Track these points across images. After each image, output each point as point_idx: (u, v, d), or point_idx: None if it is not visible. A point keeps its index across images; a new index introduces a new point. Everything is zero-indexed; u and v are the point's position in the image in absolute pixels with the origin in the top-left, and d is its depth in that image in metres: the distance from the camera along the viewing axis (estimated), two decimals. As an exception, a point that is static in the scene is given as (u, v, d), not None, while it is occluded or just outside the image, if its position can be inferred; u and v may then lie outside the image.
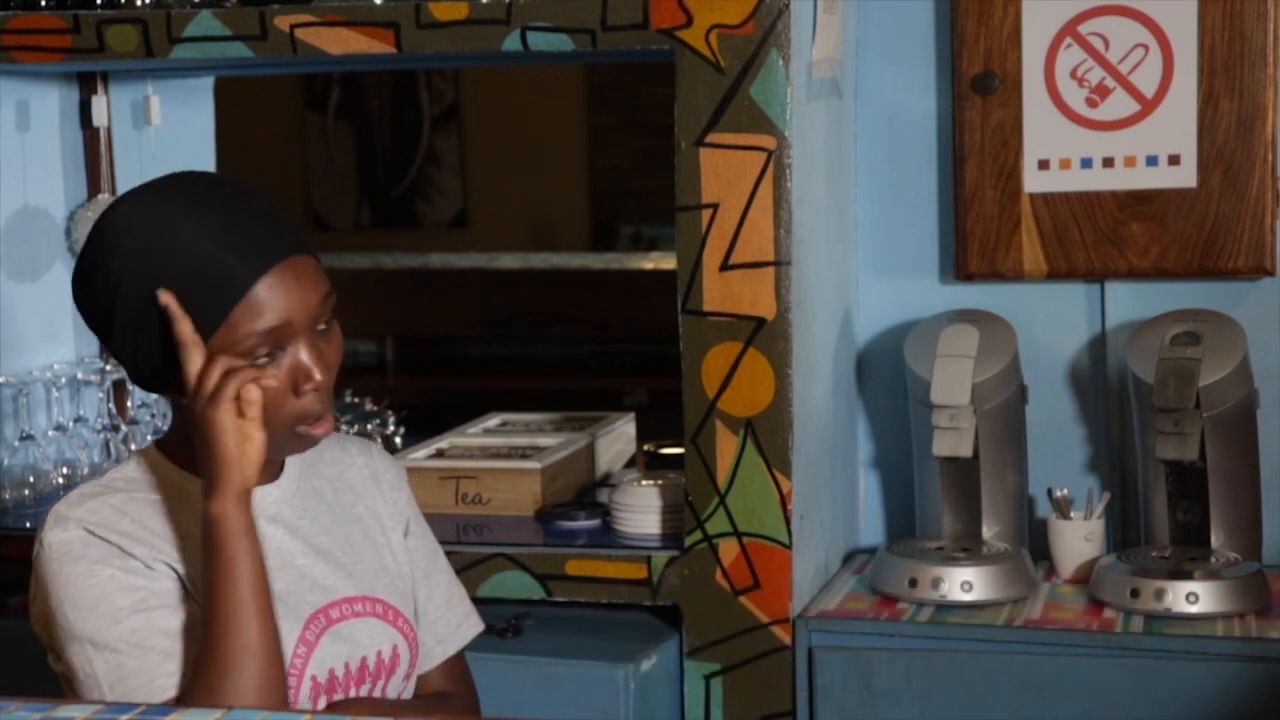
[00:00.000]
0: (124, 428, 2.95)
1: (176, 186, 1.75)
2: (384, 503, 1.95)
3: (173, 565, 1.74)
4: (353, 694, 1.81)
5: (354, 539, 1.89)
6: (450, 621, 1.99)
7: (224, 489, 1.68)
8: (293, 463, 1.88)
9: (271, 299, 1.70)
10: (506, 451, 2.84)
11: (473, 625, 2.02)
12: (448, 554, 2.03)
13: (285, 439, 1.76)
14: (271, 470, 1.84)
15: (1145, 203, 2.62)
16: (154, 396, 2.94)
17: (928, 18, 2.73)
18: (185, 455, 1.79)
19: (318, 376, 1.73)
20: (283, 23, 2.49)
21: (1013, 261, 2.67)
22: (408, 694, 1.90)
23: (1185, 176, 2.60)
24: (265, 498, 1.82)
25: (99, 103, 3.06)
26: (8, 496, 2.83)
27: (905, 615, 2.41)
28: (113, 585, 1.70)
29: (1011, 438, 2.61)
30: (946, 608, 2.43)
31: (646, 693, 2.40)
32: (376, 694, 1.84)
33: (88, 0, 2.64)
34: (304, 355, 1.73)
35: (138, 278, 1.70)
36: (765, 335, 2.37)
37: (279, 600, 1.76)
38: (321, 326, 1.76)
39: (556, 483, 2.74)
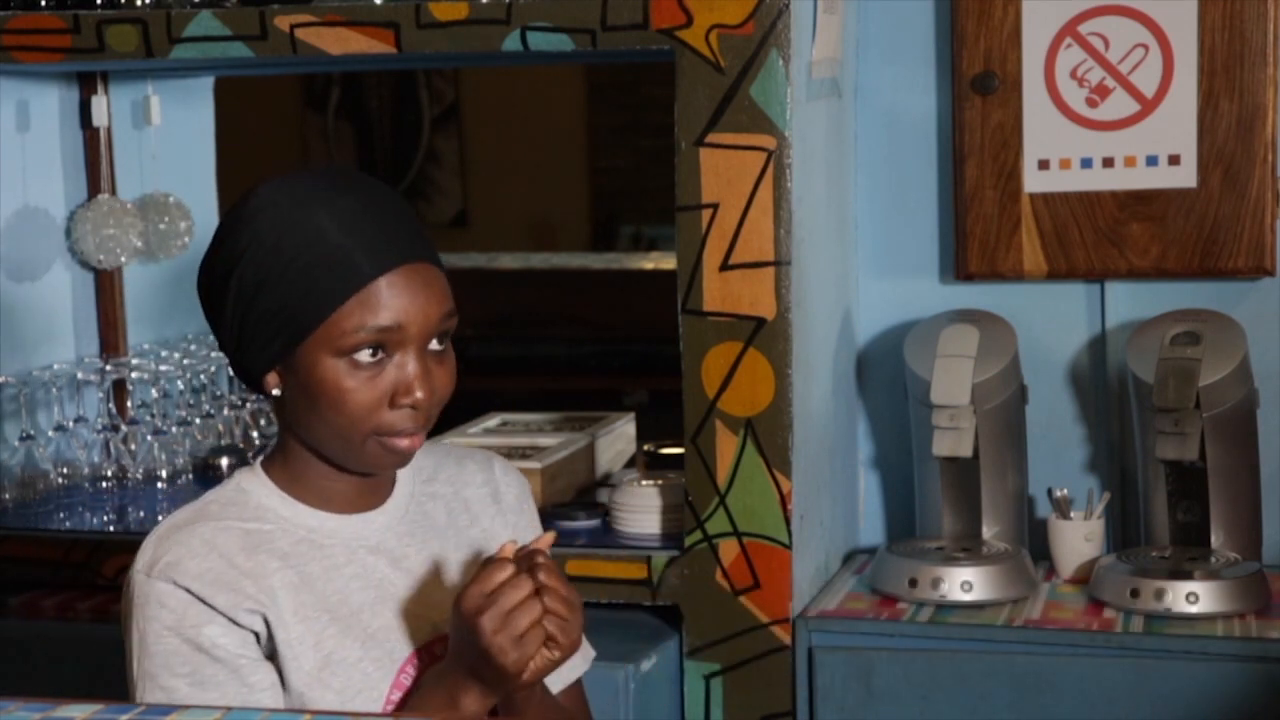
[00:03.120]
0: (124, 428, 2.95)
1: (323, 174, 1.72)
2: (503, 524, 1.87)
3: (257, 609, 1.67)
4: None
5: (467, 567, 1.80)
6: None
7: (487, 688, 1.66)
8: (404, 484, 1.81)
9: (391, 297, 1.64)
10: (506, 451, 2.84)
11: (587, 653, 1.93)
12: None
13: (364, 447, 1.69)
14: (379, 495, 1.79)
15: (1145, 203, 2.62)
16: (154, 396, 2.95)
17: (928, 18, 2.73)
18: (287, 475, 1.75)
19: (419, 394, 1.66)
20: (283, 23, 2.49)
21: (1013, 261, 2.67)
22: None
23: (1185, 176, 2.60)
24: (368, 525, 1.76)
25: (99, 103, 3.06)
26: (8, 496, 2.83)
27: (905, 615, 2.41)
28: (177, 659, 1.65)
29: (1011, 438, 2.61)
30: (946, 608, 2.43)
31: (646, 693, 2.40)
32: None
33: (88, 0, 2.64)
34: (411, 366, 1.66)
35: (261, 249, 1.65)
36: (765, 335, 2.37)
37: (374, 639, 1.72)
38: (436, 346, 1.69)
39: (556, 483, 2.74)
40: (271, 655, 1.69)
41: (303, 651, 1.69)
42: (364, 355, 1.65)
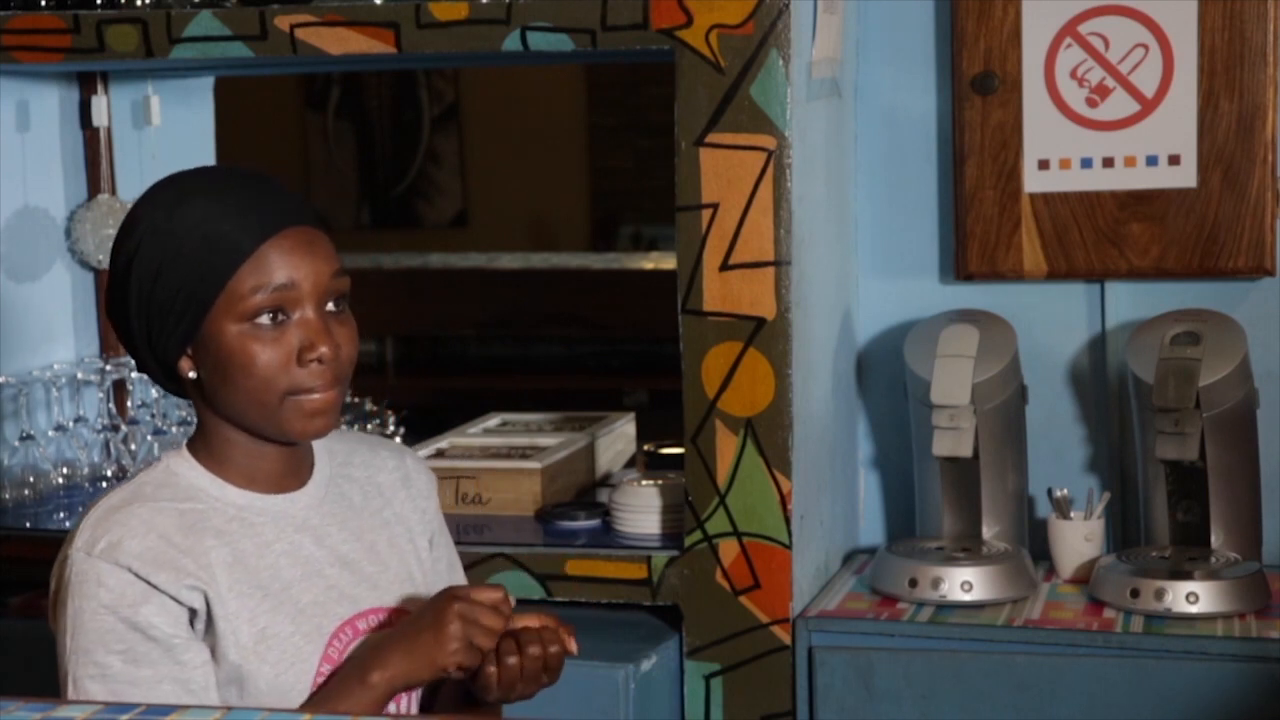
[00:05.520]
0: (124, 428, 2.95)
1: (196, 169, 1.82)
2: (413, 509, 1.93)
3: (198, 586, 1.72)
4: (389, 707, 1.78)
5: (379, 547, 1.87)
6: None
7: (406, 671, 1.71)
8: (322, 466, 1.86)
9: (280, 257, 1.73)
10: (506, 451, 2.84)
11: None
12: (448, 554, 2.03)
13: (280, 412, 1.74)
14: (300, 476, 1.84)
15: (1145, 203, 2.62)
16: (154, 396, 2.94)
17: (928, 18, 2.73)
18: (212, 458, 1.80)
19: (323, 348, 1.73)
20: (283, 23, 2.49)
21: (1013, 261, 2.67)
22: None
23: (1185, 176, 2.60)
24: (293, 504, 1.81)
25: (99, 103, 3.06)
26: (8, 496, 2.83)
27: (905, 615, 2.41)
28: (112, 637, 1.69)
29: (1011, 438, 2.61)
30: (946, 608, 2.43)
31: (646, 693, 2.40)
32: (413, 707, 1.82)
33: (88, 0, 2.64)
34: (311, 324, 1.74)
35: (152, 242, 1.73)
36: (765, 335, 2.37)
37: (304, 614, 1.76)
38: (332, 307, 1.76)
39: (556, 483, 2.74)
40: (209, 630, 1.73)
41: (239, 626, 1.73)
42: (265, 319, 1.73)
